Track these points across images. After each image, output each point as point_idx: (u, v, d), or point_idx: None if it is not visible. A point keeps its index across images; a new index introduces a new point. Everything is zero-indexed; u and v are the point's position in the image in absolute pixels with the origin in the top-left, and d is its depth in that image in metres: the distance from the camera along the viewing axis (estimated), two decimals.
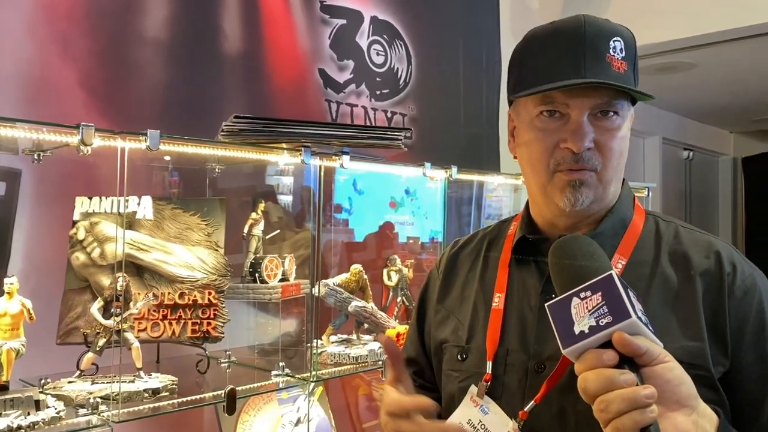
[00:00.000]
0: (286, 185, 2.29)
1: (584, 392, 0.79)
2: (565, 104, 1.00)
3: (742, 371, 0.97)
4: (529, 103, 1.04)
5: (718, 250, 1.03)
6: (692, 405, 0.81)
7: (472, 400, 1.07)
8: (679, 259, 1.03)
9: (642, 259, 1.04)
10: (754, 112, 6.32)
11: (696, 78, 4.74)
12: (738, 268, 1.01)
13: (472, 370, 1.10)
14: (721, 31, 3.64)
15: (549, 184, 1.04)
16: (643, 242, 1.06)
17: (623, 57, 1.01)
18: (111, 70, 2.05)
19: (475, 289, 1.18)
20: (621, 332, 0.78)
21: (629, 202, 1.11)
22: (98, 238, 1.77)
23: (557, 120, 1.01)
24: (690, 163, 6.82)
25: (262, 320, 2.10)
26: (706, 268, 1.01)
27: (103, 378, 1.64)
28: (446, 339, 1.17)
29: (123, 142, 1.48)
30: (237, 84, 2.40)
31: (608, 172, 1.03)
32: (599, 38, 1.00)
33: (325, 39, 2.72)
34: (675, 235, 1.07)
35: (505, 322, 1.09)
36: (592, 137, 1.00)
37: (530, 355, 1.04)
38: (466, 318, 1.16)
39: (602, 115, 1.01)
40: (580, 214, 1.05)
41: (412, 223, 2.90)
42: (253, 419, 2.03)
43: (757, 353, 0.97)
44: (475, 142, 3.38)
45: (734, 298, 0.98)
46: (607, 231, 1.06)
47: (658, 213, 1.13)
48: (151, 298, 1.75)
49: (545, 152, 1.02)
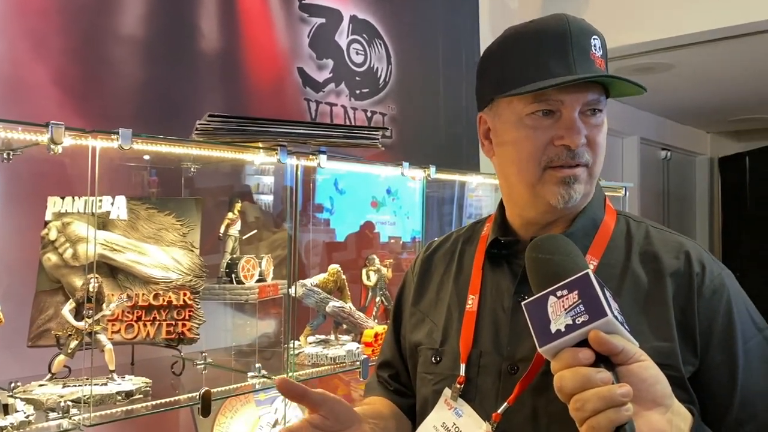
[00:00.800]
0: (264, 185, 2.27)
1: (560, 391, 0.79)
2: (559, 101, 1.00)
3: (711, 370, 0.98)
4: (517, 102, 1.02)
5: (688, 250, 1.03)
6: (667, 403, 0.81)
7: (446, 403, 1.07)
8: (649, 260, 1.03)
9: (613, 260, 1.05)
10: (730, 112, 6.41)
11: (673, 79, 4.80)
12: (707, 268, 1.01)
13: (446, 373, 1.09)
14: (698, 32, 3.68)
15: (539, 182, 1.03)
16: (614, 242, 1.07)
17: (602, 55, 1.03)
18: (86, 68, 2.02)
19: (449, 291, 1.17)
20: (597, 331, 0.78)
21: (600, 202, 1.11)
22: (70, 239, 1.74)
23: (549, 118, 1.01)
24: (668, 162, 6.90)
25: (239, 321, 2.08)
26: (676, 269, 1.01)
27: (75, 381, 1.61)
28: (421, 342, 1.17)
29: (94, 140, 1.46)
30: (214, 83, 2.38)
31: (597, 167, 1.04)
32: (583, 36, 1.00)
33: (304, 38, 2.70)
34: (646, 235, 1.07)
35: (479, 324, 1.08)
36: (584, 133, 1.00)
37: (503, 357, 1.04)
38: (441, 320, 1.15)
39: (591, 112, 1.02)
40: (564, 211, 1.05)
41: (394, 223, 2.89)
42: (230, 421, 2.01)
43: (725, 352, 0.98)
44: (455, 142, 3.38)
45: (703, 298, 0.99)
46: (578, 231, 1.06)
47: (629, 213, 1.14)
48: (124, 300, 1.73)
49: (537, 150, 1.02)
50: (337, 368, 2.01)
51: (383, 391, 1.28)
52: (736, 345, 0.98)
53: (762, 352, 1.00)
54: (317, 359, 2.00)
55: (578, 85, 0.98)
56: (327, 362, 2.00)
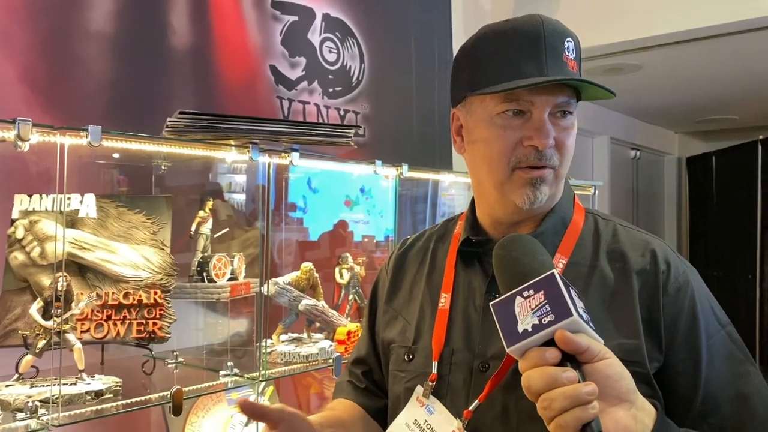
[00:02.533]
0: (236, 183, 2.26)
1: (528, 390, 0.80)
2: (530, 102, 1.00)
3: (675, 366, 1.00)
4: (489, 100, 1.03)
5: (654, 248, 1.05)
6: (632, 399, 0.83)
7: (418, 400, 1.08)
8: (617, 258, 1.05)
9: (581, 258, 1.06)
10: (697, 113, 6.53)
11: (643, 79, 4.87)
12: (672, 266, 1.03)
13: (418, 371, 1.10)
14: (667, 33, 3.75)
15: (507, 182, 1.04)
16: (582, 241, 1.08)
17: (575, 57, 1.03)
18: (53, 64, 1.99)
19: (422, 289, 1.18)
20: (563, 330, 0.79)
21: (569, 201, 1.13)
22: (38, 237, 1.71)
23: (519, 118, 1.02)
24: (637, 162, 7.01)
25: (211, 320, 2.06)
26: (643, 267, 1.03)
27: (44, 381, 1.59)
28: (394, 339, 1.17)
29: (63, 138, 1.44)
30: (186, 80, 2.36)
31: (564, 169, 1.05)
32: (556, 38, 1.01)
33: (276, 35, 2.69)
34: (613, 233, 1.09)
35: (451, 321, 1.09)
36: (553, 135, 1.01)
37: (475, 355, 1.05)
38: (414, 318, 1.16)
39: (561, 114, 1.02)
40: (532, 211, 1.06)
41: (368, 222, 2.89)
42: (202, 420, 1.99)
43: (689, 348, 1.00)
44: (428, 141, 3.39)
45: (668, 296, 1.01)
46: (548, 230, 1.07)
47: (597, 211, 1.15)
48: (93, 298, 1.71)
49: (506, 150, 1.02)
50: (309, 366, 2.01)
51: (351, 392, 1.28)
52: (700, 341, 1.00)
53: (724, 347, 1.02)
54: (290, 357, 1.99)
55: (549, 86, 0.99)
56: (300, 360, 1.99)
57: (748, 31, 3.67)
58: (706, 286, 1.07)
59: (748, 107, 6.19)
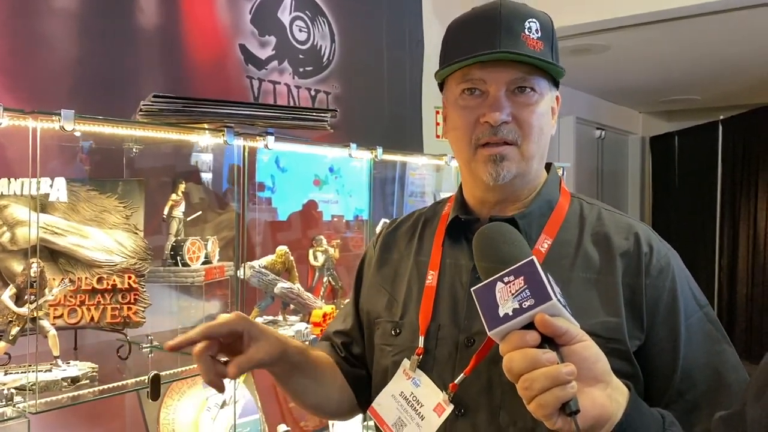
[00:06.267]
0: (208, 166, 2.24)
1: (509, 371, 0.83)
2: (482, 80, 1.05)
3: (655, 345, 1.04)
4: (452, 83, 1.09)
5: (637, 231, 1.09)
6: (607, 380, 0.87)
7: (404, 373, 1.11)
8: (601, 240, 1.09)
9: (567, 239, 1.10)
10: (661, 93, 6.64)
11: (608, 60, 4.93)
12: (654, 249, 1.07)
13: (405, 345, 1.13)
14: (633, 15, 3.80)
15: (473, 160, 1.09)
16: (568, 223, 1.12)
17: (539, 37, 1.06)
18: (16, 43, 1.93)
19: (409, 266, 1.21)
20: (543, 314, 0.82)
21: (556, 185, 1.17)
22: (8, 222, 1.68)
23: (477, 97, 1.06)
24: (602, 141, 7.11)
25: (185, 304, 2.06)
26: (626, 249, 1.07)
27: (18, 368, 1.57)
28: (380, 314, 1.20)
29: (35, 122, 1.41)
30: (153, 60, 2.31)
31: (529, 146, 1.07)
32: (514, 19, 1.05)
33: (246, 14, 2.65)
34: (598, 217, 1.13)
35: (438, 298, 1.13)
36: (509, 111, 1.05)
37: (460, 330, 1.08)
38: (401, 294, 1.19)
39: (519, 91, 1.06)
40: (506, 190, 1.10)
41: (337, 201, 2.89)
42: (177, 403, 2.00)
43: (668, 328, 1.04)
44: (399, 122, 3.39)
45: (650, 277, 1.05)
46: (534, 212, 1.11)
47: (582, 196, 1.19)
48: (67, 284, 1.69)
49: (468, 129, 1.07)
50: None
51: (332, 354, 1.29)
52: (679, 321, 1.04)
53: (702, 327, 1.07)
54: None
55: (501, 64, 1.03)
56: None
57: (711, 14, 3.75)
58: (686, 269, 1.11)
59: (710, 88, 6.32)
